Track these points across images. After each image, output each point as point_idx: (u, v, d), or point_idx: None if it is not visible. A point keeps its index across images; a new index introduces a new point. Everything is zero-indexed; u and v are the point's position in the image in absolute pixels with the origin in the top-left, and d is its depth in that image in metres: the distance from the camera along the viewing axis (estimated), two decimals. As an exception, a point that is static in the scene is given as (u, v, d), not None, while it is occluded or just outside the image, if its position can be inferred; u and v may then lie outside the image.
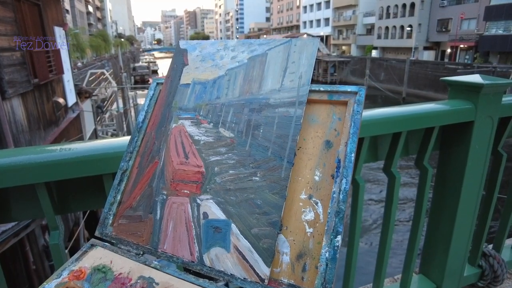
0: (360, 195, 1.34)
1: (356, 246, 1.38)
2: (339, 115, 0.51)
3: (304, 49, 0.56)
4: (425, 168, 1.47)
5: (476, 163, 1.45)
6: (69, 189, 1.04)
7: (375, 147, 1.42)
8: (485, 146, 1.47)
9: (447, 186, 1.50)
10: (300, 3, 65.05)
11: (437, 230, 1.58)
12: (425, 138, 1.44)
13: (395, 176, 1.40)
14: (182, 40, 0.70)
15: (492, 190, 1.63)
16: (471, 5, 34.29)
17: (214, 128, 0.58)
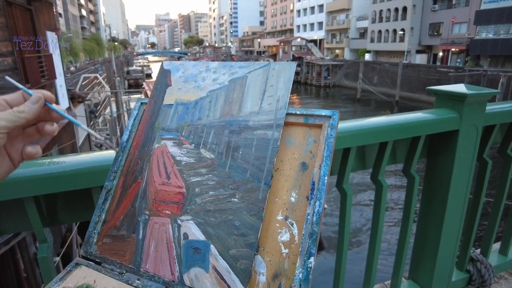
0: (348, 203, 1.36)
1: (345, 254, 1.40)
2: (314, 138, 0.53)
3: (282, 73, 0.58)
4: (412, 176, 1.50)
5: (462, 170, 1.48)
6: (57, 201, 1.05)
7: (362, 156, 1.44)
8: (470, 153, 1.50)
9: (435, 192, 1.53)
10: (293, 7, 65.50)
11: (425, 236, 1.60)
12: (412, 147, 1.46)
13: (382, 184, 1.42)
14: (169, 60, 0.71)
15: (478, 196, 1.66)
16: (462, 9, 34.79)
17: (195, 149, 0.60)
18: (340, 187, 1.35)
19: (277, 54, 57.61)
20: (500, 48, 29.55)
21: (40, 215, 1.00)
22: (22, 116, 0.53)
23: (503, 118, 1.59)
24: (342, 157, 1.32)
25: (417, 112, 1.46)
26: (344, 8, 50.49)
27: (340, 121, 1.30)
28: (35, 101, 0.55)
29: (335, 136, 0.51)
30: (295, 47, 52.94)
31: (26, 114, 0.54)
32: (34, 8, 8.71)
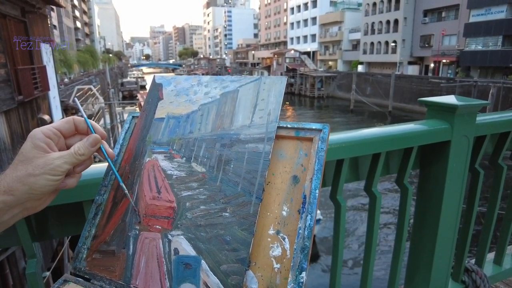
0: (342, 215, 1.35)
1: (340, 266, 1.39)
2: (305, 151, 0.54)
3: (273, 87, 0.59)
4: (405, 187, 1.51)
5: (454, 180, 1.49)
6: (48, 215, 1.03)
7: (356, 167, 1.44)
8: (462, 164, 1.51)
9: (428, 203, 1.53)
10: (287, 20, 66.45)
11: (420, 246, 1.60)
12: (405, 158, 1.47)
13: (376, 195, 1.43)
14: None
15: (471, 206, 1.67)
16: (451, 22, 35.59)
17: (186, 163, 0.59)
18: (333, 198, 1.35)
19: (271, 66, 58.17)
20: (489, 59, 30.17)
21: (30, 230, 0.99)
22: (82, 158, 0.55)
23: (494, 128, 1.61)
24: (335, 168, 1.32)
25: (409, 123, 1.47)
26: (337, 21, 51.33)
27: (333, 133, 1.31)
28: (94, 144, 0.56)
29: (325, 149, 0.52)
30: (289, 59, 53.52)
31: (85, 157, 0.56)
32: (28, 20, 8.72)
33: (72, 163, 0.54)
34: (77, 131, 0.58)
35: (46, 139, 0.53)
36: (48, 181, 0.51)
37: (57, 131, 0.55)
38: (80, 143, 0.56)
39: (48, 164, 0.51)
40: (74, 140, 0.58)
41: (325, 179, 1.35)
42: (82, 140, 0.56)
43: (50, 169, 0.51)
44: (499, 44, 29.71)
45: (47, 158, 0.52)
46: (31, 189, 0.50)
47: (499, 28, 29.30)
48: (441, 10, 37.08)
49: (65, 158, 0.53)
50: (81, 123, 0.58)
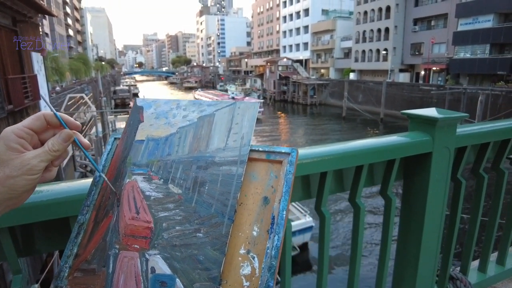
0: (327, 226, 1.38)
1: (325, 277, 1.41)
2: (275, 173, 0.57)
3: (247, 112, 0.62)
4: (389, 198, 1.53)
5: (436, 190, 1.52)
6: (34, 231, 1.04)
7: (340, 178, 1.47)
8: (444, 174, 1.55)
9: (412, 213, 1.56)
10: (279, 28, 67.05)
11: (405, 255, 1.63)
12: (388, 169, 1.50)
13: (359, 206, 1.45)
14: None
15: (454, 215, 1.70)
16: (440, 30, 36.26)
17: (164, 184, 0.62)
18: (318, 209, 1.37)
19: (264, 73, 58.49)
20: (477, 67, 30.75)
21: (15, 245, 0.99)
22: (57, 154, 0.56)
23: (474, 139, 1.65)
24: (319, 180, 1.35)
25: (392, 135, 1.50)
26: (329, 29, 51.96)
27: (317, 146, 1.34)
28: (67, 139, 0.57)
29: (293, 172, 0.55)
30: (282, 67, 53.94)
31: (60, 152, 0.56)
32: (19, 29, 8.71)
33: (48, 160, 0.55)
34: (50, 126, 0.58)
35: (19, 139, 0.53)
36: (27, 181, 0.52)
37: (28, 130, 0.55)
38: (54, 139, 0.56)
39: (24, 164, 0.52)
40: (48, 135, 0.58)
41: (310, 191, 1.38)
42: (55, 136, 0.57)
43: (27, 169, 0.52)
44: (487, 52, 30.33)
45: (23, 158, 0.52)
46: (12, 190, 0.51)
47: (486, 36, 29.94)
48: (431, 19, 37.80)
49: (41, 157, 0.53)
50: (52, 118, 0.57)
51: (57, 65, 32.77)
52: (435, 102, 29.41)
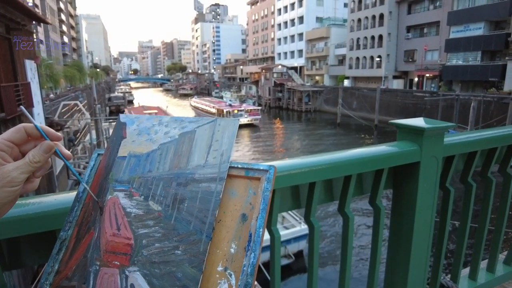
0: (316, 236, 1.38)
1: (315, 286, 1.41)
2: (254, 190, 0.58)
3: (227, 129, 0.63)
4: (378, 207, 1.54)
5: (425, 199, 1.54)
6: (21, 244, 1.03)
7: (330, 188, 1.48)
8: (432, 183, 1.56)
9: (402, 221, 1.57)
10: (274, 36, 67.52)
11: (395, 264, 1.64)
12: (376, 179, 1.51)
13: (348, 216, 1.46)
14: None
15: (444, 223, 1.71)
16: (433, 38, 36.76)
17: (144, 201, 0.63)
18: (307, 220, 1.38)
19: (259, 80, 58.77)
20: (469, 73, 31.17)
21: (1, 258, 0.99)
22: (38, 165, 0.56)
23: (461, 148, 1.67)
24: (308, 191, 1.36)
25: (381, 145, 1.52)
26: (323, 37, 52.44)
27: (306, 156, 1.36)
28: (48, 150, 0.56)
29: (270, 189, 0.56)
30: (276, 74, 54.28)
31: (41, 163, 0.56)
32: (13, 36, 8.69)
33: (29, 172, 0.54)
34: (30, 137, 0.57)
35: None
36: (8, 193, 0.52)
37: (8, 142, 0.55)
38: (34, 151, 0.56)
39: (5, 177, 0.52)
40: (29, 147, 0.57)
41: (299, 201, 1.39)
42: (36, 147, 0.56)
43: (7, 181, 0.52)
44: (478, 59, 30.78)
45: (3, 171, 0.52)
46: None
47: (477, 44, 30.41)
48: (423, 26, 38.33)
49: (21, 169, 0.53)
50: (33, 129, 0.57)
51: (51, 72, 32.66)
52: (429, 108, 29.70)
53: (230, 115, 36.99)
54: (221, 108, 38.91)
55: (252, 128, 36.44)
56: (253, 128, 36.52)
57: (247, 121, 37.33)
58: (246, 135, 33.44)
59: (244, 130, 35.16)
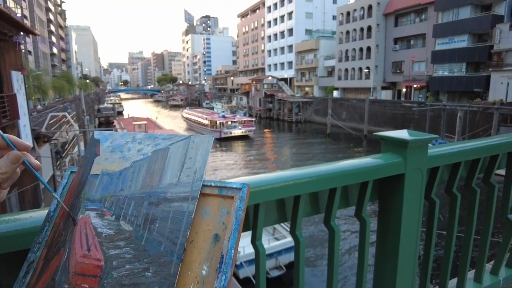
0: (301, 250, 1.37)
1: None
2: (227, 209, 0.57)
3: (200, 146, 0.62)
4: (363, 220, 1.54)
5: (411, 211, 1.54)
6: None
7: (315, 200, 1.47)
8: (418, 195, 1.57)
9: (388, 233, 1.57)
10: (264, 48, 68.26)
11: (382, 277, 1.63)
12: (362, 191, 1.51)
13: (334, 229, 1.45)
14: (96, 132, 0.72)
15: (430, 234, 1.71)
16: (420, 49, 37.63)
17: (115, 221, 0.61)
18: (293, 234, 1.37)
19: (250, 91, 59.12)
20: (455, 84, 31.91)
21: (-29, 280, 0.95)
22: (5, 176, 0.55)
23: (445, 160, 1.69)
24: (293, 204, 1.35)
25: (366, 157, 1.52)
26: (312, 48, 53.21)
27: (290, 169, 1.35)
28: (15, 161, 0.55)
29: (243, 208, 0.55)
30: (267, 85, 54.72)
31: (8, 174, 0.55)
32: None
33: None
34: None
35: None
36: None
37: None
38: (1, 161, 0.55)
39: None
40: None
41: (285, 214, 1.38)
42: (3, 158, 0.55)
43: None
44: (463, 70, 31.57)
45: None
46: None
47: (462, 55, 31.24)
48: (410, 38, 39.25)
49: None
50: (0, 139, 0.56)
51: (39, 83, 32.35)
52: (417, 118, 30.19)
53: (224, 126, 36.24)
54: (214, 120, 37.95)
55: (246, 140, 36.02)
56: (247, 140, 36.17)
57: (241, 133, 36.70)
58: (240, 146, 33.11)
59: (237, 142, 34.62)
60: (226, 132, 35.90)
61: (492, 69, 28.36)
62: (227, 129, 36.18)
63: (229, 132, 36.13)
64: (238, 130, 36.64)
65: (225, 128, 36.17)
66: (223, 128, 36.14)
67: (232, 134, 36.17)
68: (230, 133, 36.09)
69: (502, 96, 27.11)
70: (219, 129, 36.02)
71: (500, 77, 27.66)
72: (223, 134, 35.61)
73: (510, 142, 1.91)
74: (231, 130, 36.31)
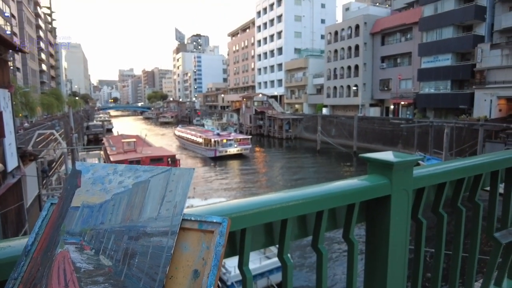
0: (289, 275, 1.35)
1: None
2: (207, 244, 0.56)
3: (181, 179, 0.63)
4: (351, 242, 1.53)
5: (398, 232, 1.54)
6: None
7: (303, 223, 1.47)
8: (404, 216, 1.58)
9: (376, 254, 1.57)
10: (255, 66, 69.15)
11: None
12: (349, 213, 1.51)
13: (322, 252, 1.44)
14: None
15: (418, 254, 1.72)
16: (406, 67, 38.58)
17: (95, 255, 0.60)
18: (280, 258, 1.36)
19: (240, 108, 59.46)
20: (441, 101, 32.67)
21: None
22: None
23: (430, 180, 1.71)
24: (281, 227, 1.34)
25: (352, 178, 1.53)
26: (301, 67, 54.12)
27: (277, 192, 1.35)
28: None
29: (223, 244, 0.55)
30: (257, 102, 55.14)
31: None
32: (-14, 67, 8.51)
33: None
34: None
35: None
36: None
37: None
38: None
39: None
40: None
41: (273, 237, 1.37)
42: None
43: None
44: (448, 87, 32.42)
45: None
46: None
47: (446, 73, 32.14)
48: (396, 56, 40.28)
49: None
50: None
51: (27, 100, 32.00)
52: (405, 135, 30.66)
53: (219, 144, 34.97)
54: (208, 138, 36.37)
55: (241, 159, 34.69)
56: (242, 159, 34.86)
57: (237, 151, 35.50)
58: (236, 165, 32.18)
59: (232, 161, 33.47)
60: (222, 151, 34.72)
61: (475, 87, 29.19)
62: (222, 148, 35.01)
63: (225, 150, 34.92)
64: (233, 148, 35.47)
65: (220, 146, 34.96)
66: (218, 146, 34.91)
67: (227, 152, 34.97)
68: (225, 151, 34.90)
69: (486, 112, 27.82)
70: (214, 147, 34.86)
71: (484, 94, 28.46)
72: (218, 153, 34.48)
73: (492, 161, 1.95)
74: (227, 149, 35.16)
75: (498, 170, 1.95)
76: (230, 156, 34.99)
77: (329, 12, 60.39)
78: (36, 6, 63.42)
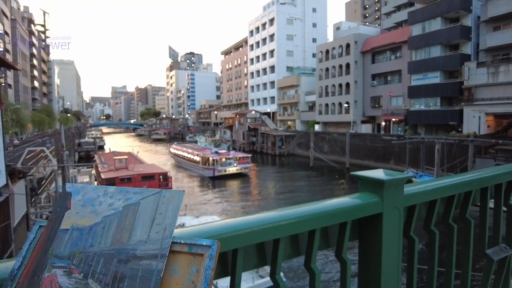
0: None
1: None
2: (197, 267, 0.56)
3: (171, 201, 0.63)
4: (344, 261, 1.52)
5: (390, 250, 1.54)
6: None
7: (296, 242, 1.46)
8: (396, 233, 1.58)
9: (369, 272, 1.56)
10: (247, 83, 69.87)
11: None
12: (341, 232, 1.51)
13: (314, 272, 1.43)
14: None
15: (411, 271, 1.71)
16: (396, 85, 39.32)
17: (83, 279, 0.59)
18: (273, 278, 1.34)
19: (234, 125, 59.65)
20: (431, 118, 33.21)
21: None
22: None
23: (421, 198, 1.72)
24: (273, 247, 1.34)
25: (344, 197, 1.54)
26: (293, 85, 54.85)
27: (269, 211, 1.35)
28: None
29: (213, 267, 0.55)
30: (250, 119, 55.42)
31: None
32: (-22, 84, 8.45)
33: None
34: None
35: None
36: None
37: None
38: None
39: None
40: None
41: (265, 257, 1.36)
42: None
43: None
44: (438, 104, 33.02)
45: None
46: None
47: (436, 90, 32.82)
48: (387, 74, 41.10)
49: None
50: None
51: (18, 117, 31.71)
52: (397, 151, 30.96)
53: (218, 163, 32.82)
54: (206, 156, 34.03)
55: (241, 178, 32.79)
56: (242, 178, 32.94)
57: (237, 170, 33.42)
58: (235, 186, 30.45)
59: (232, 181, 31.57)
60: (220, 170, 32.58)
61: (464, 104, 29.79)
62: (222, 167, 32.87)
63: (224, 169, 32.81)
64: (233, 167, 33.35)
65: (219, 165, 32.79)
66: (217, 165, 32.74)
67: (227, 172, 32.87)
68: (224, 170, 32.79)
69: (475, 128, 28.30)
70: (213, 166, 32.75)
71: (472, 110, 29.02)
72: (217, 172, 32.39)
73: (481, 178, 1.98)
74: (226, 168, 33.08)
75: (488, 187, 1.97)
76: (228, 176, 32.98)
77: (320, 31, 61.73)
78: (30, 24, 63.72)
